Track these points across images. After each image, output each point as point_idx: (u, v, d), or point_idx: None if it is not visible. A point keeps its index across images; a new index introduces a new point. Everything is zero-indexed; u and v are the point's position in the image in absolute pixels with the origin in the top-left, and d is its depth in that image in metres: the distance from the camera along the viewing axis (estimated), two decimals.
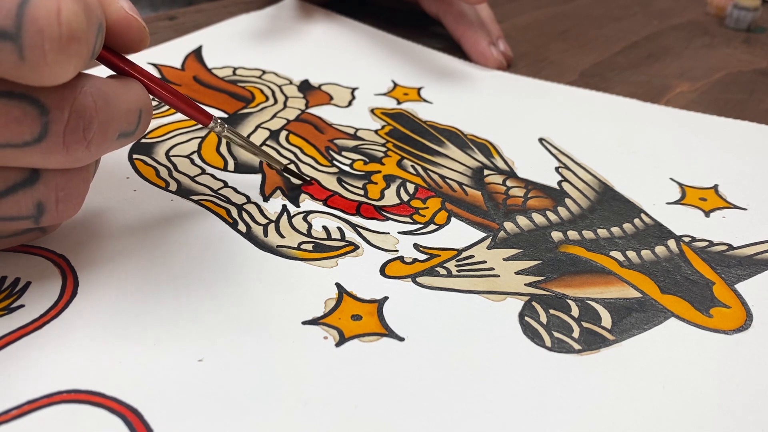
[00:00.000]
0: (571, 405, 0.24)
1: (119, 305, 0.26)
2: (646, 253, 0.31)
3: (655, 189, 0.37)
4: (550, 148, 0.40)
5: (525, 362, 0.25)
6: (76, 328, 0.25)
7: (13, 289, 0.26)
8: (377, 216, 0.33)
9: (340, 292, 0.28)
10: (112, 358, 0.24)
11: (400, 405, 0.23)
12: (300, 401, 0.23)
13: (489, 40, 0.51)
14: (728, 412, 0.24)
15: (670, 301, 0.29)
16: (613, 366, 0.25)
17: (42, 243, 0.29)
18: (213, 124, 0.31)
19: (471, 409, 0.23)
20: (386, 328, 0.26)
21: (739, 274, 0.30)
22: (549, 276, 0.30)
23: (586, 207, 0.34)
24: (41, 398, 0.22)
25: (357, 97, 0.44)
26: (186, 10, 0.57)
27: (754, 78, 0.54)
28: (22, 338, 0.24)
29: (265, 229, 0.31)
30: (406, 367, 0.25)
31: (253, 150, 0.33)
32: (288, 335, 0.25)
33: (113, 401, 0.22)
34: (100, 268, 0.28)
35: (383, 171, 0.36)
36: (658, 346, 0.26)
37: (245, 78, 0.45)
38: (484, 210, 0.34)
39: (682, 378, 0.25)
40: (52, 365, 0.23)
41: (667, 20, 0.66)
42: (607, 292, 0.29)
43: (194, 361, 0.24)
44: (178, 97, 0.29)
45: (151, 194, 0.33)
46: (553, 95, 0.47)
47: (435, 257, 0.30)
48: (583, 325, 0.27)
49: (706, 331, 0.27)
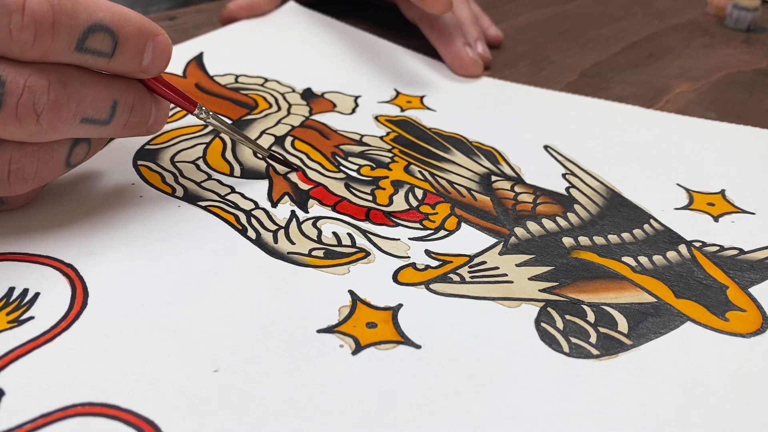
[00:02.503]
0: (593, 410, 0.24)
1: (131, 316, 0.26)
2: (658, 258, 0.31)
3: (662, 195, 0.36)
4: (555, 155, 0.40)
5: (544, 368, 0.25)
6: (89, 340, 0.25)
7: (21, 301, 0.26)
8: (387, 222, 0.32)
9: (353, 300, 0.27)
10: (126, 369, 0.24)
11: (420, 412, 0.23)
12: (318, 410, 0.23)
13: (464, 41, 0.50)
14: (749, 414, 0.24)
15: (685, 306, 0.28)
16: (632, 370, 0.25)
17: (48, 252, 0.28)
18: (198, 111, 0.32)
19: (491, 416, 0.23)
20: (402, 336, 0.26)
21: (752, 278, 0.30)
22: (563, 282, 0.29)
23: (595, 213, 0.34)
24: (55, 411, 0.22)
25: (360, 105, 0.44)
26: (186, 10, 0.56)
27: (754, 78, 0.54)
28: (34, 351, 0.24)
29: (275, 236, 0.31)
30: (424, 375, 0.24)
31: (237, 136, 0.33)
32: (303, 344, 0.25)
33: (129, 413, 0.22)
34: (109, 277, 0.27)
35: (391, 176, 0.36)
36: (676, 350, 0.26)
37: (248, 86, 0.44)
38: (494, 215, 0.34)
39: (702, 381, 0.25)
40: (66, 378, 0.23)
41: (667, 20, 0.66)
42: (622, 297, 0.29)
43: (210, 372, 0.24)
44: (161, 83, 0.30)
45: (157, 200, 0.32)
46: (555, 103, 0.47)
47: (447, 263, 0.30)
48: (600, 331, 0.27)
49: (723, 334, 0.27)
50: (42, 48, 0.25)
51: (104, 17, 0.26)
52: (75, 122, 0.27)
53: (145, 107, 0.30)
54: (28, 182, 0.27)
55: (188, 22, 0.54)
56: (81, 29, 0.25)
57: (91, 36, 0.26)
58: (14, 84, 0.25)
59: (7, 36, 0.24)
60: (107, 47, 0.27)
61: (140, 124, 0.30)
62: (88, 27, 0.26)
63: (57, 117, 0.26)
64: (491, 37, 0.55)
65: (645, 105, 0.47)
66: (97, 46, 0.26)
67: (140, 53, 0.28)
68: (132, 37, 0.27)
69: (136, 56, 0.28)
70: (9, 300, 0.26)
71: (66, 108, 0.26)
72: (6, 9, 0.23)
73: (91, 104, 0.27)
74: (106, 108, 0.28)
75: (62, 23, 0.25)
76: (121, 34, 0.27)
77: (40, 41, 0.24)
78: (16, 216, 0.30)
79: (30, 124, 0.25)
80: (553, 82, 0.50)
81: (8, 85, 0.24)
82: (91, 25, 0.26)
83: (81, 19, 0.25)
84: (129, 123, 0.29)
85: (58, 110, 0.26)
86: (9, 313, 0.25)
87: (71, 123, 0.27)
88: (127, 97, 0.29)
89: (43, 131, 0.26)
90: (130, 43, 0.27)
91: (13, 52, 0.24)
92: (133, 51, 0.28)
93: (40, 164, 0.27)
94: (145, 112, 0.30)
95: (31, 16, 0.24)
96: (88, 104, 0.27)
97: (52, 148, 0.27)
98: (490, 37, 0.55)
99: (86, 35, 0.26)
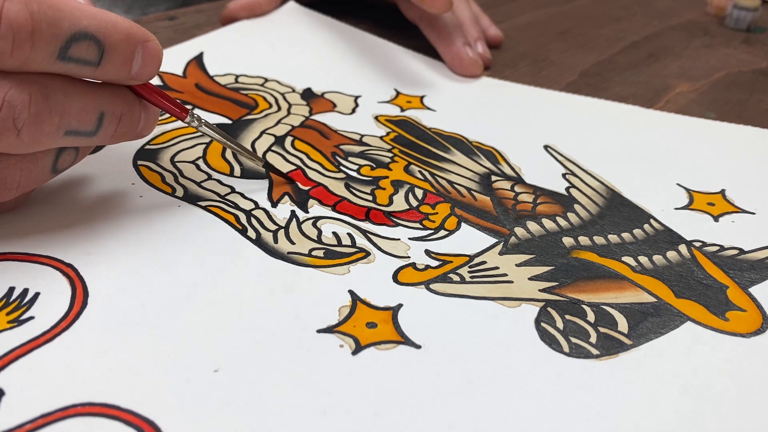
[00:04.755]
0: (593, 410, 0.24)
1: (131, 316, 0.26)
2: (658, 258, 0.31)
3: (662, 194, 0.36)
4: (555, 155, 0.40)
5: (544, 368, 0.25)
6: (89, 340, 0.25)
7: (22, 301, 0.26)
8: (387, 222, 0.32)
9: (353, 300, 0.27)
10: (126, 369, 0.24)
11: (420, 412, 0.23)
12: (318, 410, 0.23)
13: (464, 41, 0.50)
14: (749, 414, 0.24)
15: (685, 305, 0.28)
16: (633, 370, 0.25)
17: (48, 252, 0.28)
18: (190, 118, 0.31)
19: (491, 416, 0.23)
20: (402, 336, 0.26)
21: (752, 278, 0.30)
22: (563, 281, 0.29)
23: (595, 213, 0.34)
24: (55, 411, 0.22)
25: (360, 105, 0.44)
26: (186, 10, 0.56)
27: (754, 78, 0.54)
28: (34, 350, 0.24)
29: (275, 236, 0.31)
30: (425, 375, 0.24)
31: (231, 145, 0.33)
32: (303, 344, 0.25)
33: (129, 413, 0.22)
34: (109, 277, 0.27)
35: (391, 176, 0.36)
36: (676, 349, 0.26)
37: (248, 86, 0.44)
38: (494, 215, 0.34)
39: (702, 381, 0.25)
40: (66, 378, 0.23)
41: (667, 20, 0.66)
42: (622, 297, 0.29)
43: (210, 372, 0.24)
44: (150, 89, 0.29)
45: (157, 200, 0.32)
46: (555, 102, 0.47)
47: (447, 263, 0.30)
48: (600, 330, 0.27)
49: (723, 334, 0.27)
50: (21, 57, 0.24)
51: (89, 25, 0.25)
52: (59, 135, 0.26)
53: (134, 116, 0.29)
54: (12, 191, 0.27)
55: (188, 22, 0.54)
56: (63, 37, 0.25)
57: (74, 44, 0.25)
58: None
59: None
60: (93, 56, 0.26)
61: (128, 132, 0.29)
62: (71, 35, 0.25)
63: (38, 131, 0.25)
64: (491, 37, 0.55)
65: (645, 105, 0.47)
66: (82, 54, 0.26)
67: (129, 61, 0.27)
68: (120, 44, 0.26)
69: (125, 64, 0.27)
70: (9, 300, 0.26)
71: (48, 122, 0.25)
72: None
73: (75, 116, 0.26)
74: (92, 120, 0.27)
75: (42, 31, 0.24)
76: (108, 42, 0.26)
77: (19, 50, 0.24)
78: (15, 216, 0.30)
79: (10, 138, 0.25)
80: (553, 82, 0.50)
81: None
82: (74, 33, 0.25)
83: (63, 27, 0.25)
84: (117, 133, 0.29)
85: (40, 124, 0.25)
86: (9, 313, 0.25)
87: (55, 136, 0.26)
88: (115, 108, 0.28)
89: (25, 145, 0.25)
90: (118, 51, 0.27)
91: None
92: (121, 59, 0.27)
93: (23, 174, 0.27)
94: (133, 120, 0.29)
95: (8, 25, 0.23)
96: (73, 116, 0.26)
97: (36, 157, 0.27)
98: (490, 37, 0.55)
99: (69, 44, 0.25)
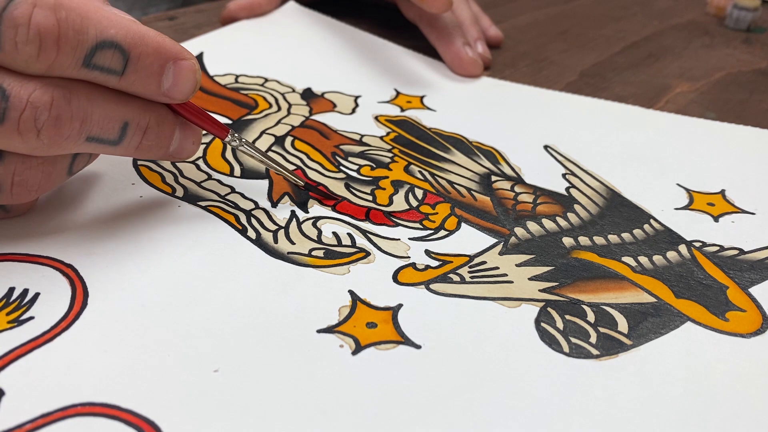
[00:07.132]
0: (593, 410, 0.24)
1: (131, 316, 0.26)
2: (658, 258, 0.31)
3: (662, 195, 0.36)
4: (555, 155, 0.40)
5: (544, 368, 0.25)
6: (89, 340, 0.25)
7: (21, 301, 0.26)
8: (387, 222, 0.32)
9: (353, 300, 0.27)
10: (126, 370, 0.24)
11: (420, 413, 0.23)
12: (318, 410, 0.23)
13: (464, 41, 0.50)
14: (749, 414, 0.24)
15: (685, 306, 0.28)
16: (633, 371, 0.25)
17: (48, 252, 0.28)
18: (230, 137, 0.31)
19: (491, 416, 0.23)
20: (402, 336, 0.26)
21: (752, 278, 0.30)
22: (563, 282, 0.29)
23: (595, 213, 0.34)
24: (55, 411, 0.22)
25: (360, 105, 0.44)
26: (186, 10, 0.56)
27: (754, 78, 0.54)
28: (34, 351, 0.24)
29: (275, 236, 0.31)
30: (424, 375, 0.24)
31: (273, 165, 0.32)
32: (303, 344, 0.25)
33: (129, 413, 0.22)
34: (109, 277, 0.27)
35: (391, 176, 0.36)
36: (676, 350, 0.26)
37: (248, 86, 0.44)
38: (494, 215, 0.34)
39: (702, 381, 0.25)
40: (66, 378, 0.23)
41: (667, 20, 0.66)
42: (622, 297, 0.29)
43: (210, 372, 0.24)
44: (188, 107, 0.29)
45: (157, 200, 0.32)
46: (555, 102, 0.47)
47: (447, 263, 0.30)
48: (600, 331, 0.27)
49: (724, 334, 0.27)
50: (47, 62, 0.24)
51: (116, 34, 0.26)
52: (80, 139, 0.26)
53: (164, 131, 0.29)
54: (32, 193, 0.27)
55: (188, 22, 0.54)
56: (89, 45, 0.25)
57: (99, 52, 0.25)
58: (17, 98, 0.24)
59: (12, 49, 0.24)
60: (117, 65, 0.26)
61: (156, 147, 0.29)
62: (96, 43, 0.25)
63: (58, 133, 0.25)
64: (491, 37, 0.55)
65: (645, 105, 0.47)
66: (106, 62, 0.26)
67: (156, 75, 0.27)
68: (146, 57, 0.27)
69: (151, 77, 0.27)
70: (9, 300, 0.26)
71: (68, 125, 0.26)
72: (13, 22, 0.23)
73: (98, 123, 0.27)
74: (114, 128, 0.27)
75: (68, 38, 0.24)
76: (133, 53, 0.26)
77: (45, 55, 0.24)
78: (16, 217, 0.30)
79: (31, 140, 0.25)
80: (553, 82, 0.50)
81: (12, 99, 0.24)
82: (100, 41, 0.25)
83: (89, 35, 0.25)
84: (142, 146, 0.29)
85: (60, 127, 0.25)
86: (9, 313, 0.25)
87: (76, 140, 0.26)
88: (141, 119, 0.28)
89: (46, 147, 0.26)
90: (143, 63, 0.27)
91: (18, 64, 0.24)
92: (146, 71, 0.27)
93: (44, 176, 0.27)
94: (162, 136, 0.29)
95: (36, 30, 0.24)
96: (95, 122, 0.26)
97: (55, 159, 0.27)
98: (490, 37, 0.55)
99: (94, 51, 0.25)
